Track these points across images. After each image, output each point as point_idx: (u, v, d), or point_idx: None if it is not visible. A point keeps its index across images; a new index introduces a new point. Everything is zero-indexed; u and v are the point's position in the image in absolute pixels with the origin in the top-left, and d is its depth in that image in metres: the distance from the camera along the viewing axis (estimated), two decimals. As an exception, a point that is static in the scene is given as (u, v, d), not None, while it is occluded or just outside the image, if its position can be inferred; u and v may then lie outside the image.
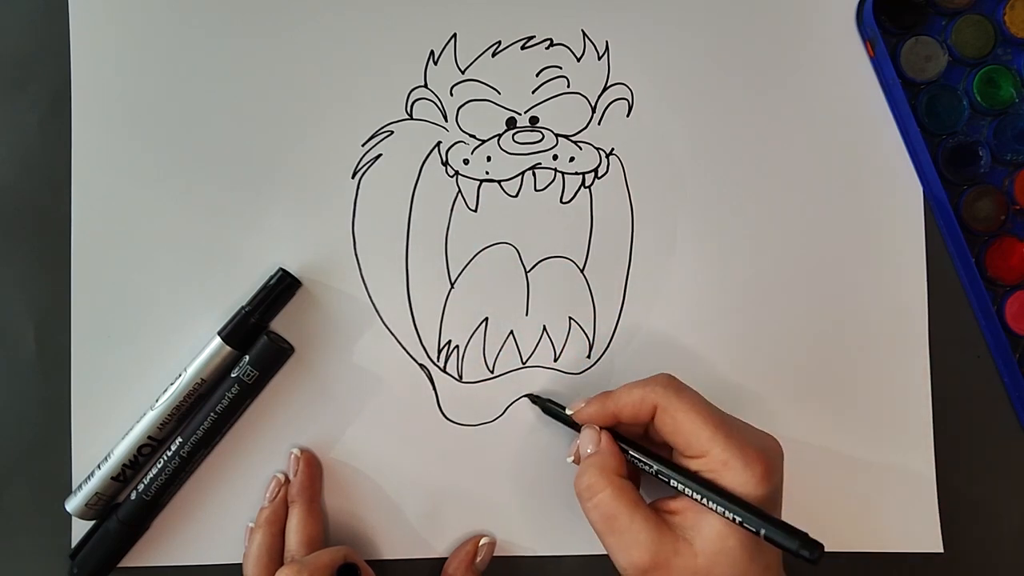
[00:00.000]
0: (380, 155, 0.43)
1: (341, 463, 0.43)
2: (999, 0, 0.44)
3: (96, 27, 0.43)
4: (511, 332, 0.43)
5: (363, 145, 0.43)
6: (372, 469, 0.43)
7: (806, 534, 0.32)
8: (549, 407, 0.42)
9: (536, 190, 0.43)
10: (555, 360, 0.44)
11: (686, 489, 0.35)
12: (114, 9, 0.43)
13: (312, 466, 0.42)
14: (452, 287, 0.43)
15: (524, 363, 0.43)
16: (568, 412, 0.40)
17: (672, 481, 0.35)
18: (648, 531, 0.34)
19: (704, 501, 0.34)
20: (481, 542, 0.42)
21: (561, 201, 0.43)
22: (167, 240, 0.43)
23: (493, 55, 0.43)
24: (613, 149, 0.44)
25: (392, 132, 0.43)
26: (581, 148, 0.43)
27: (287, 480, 0.42)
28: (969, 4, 0.44)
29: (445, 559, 0.43)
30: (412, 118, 0.43)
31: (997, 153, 0.44)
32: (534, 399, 0.43)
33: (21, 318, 0.43)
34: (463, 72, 0.43)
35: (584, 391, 0.43)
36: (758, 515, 0.33)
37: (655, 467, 0.36)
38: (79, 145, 0.43)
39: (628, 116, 0.44)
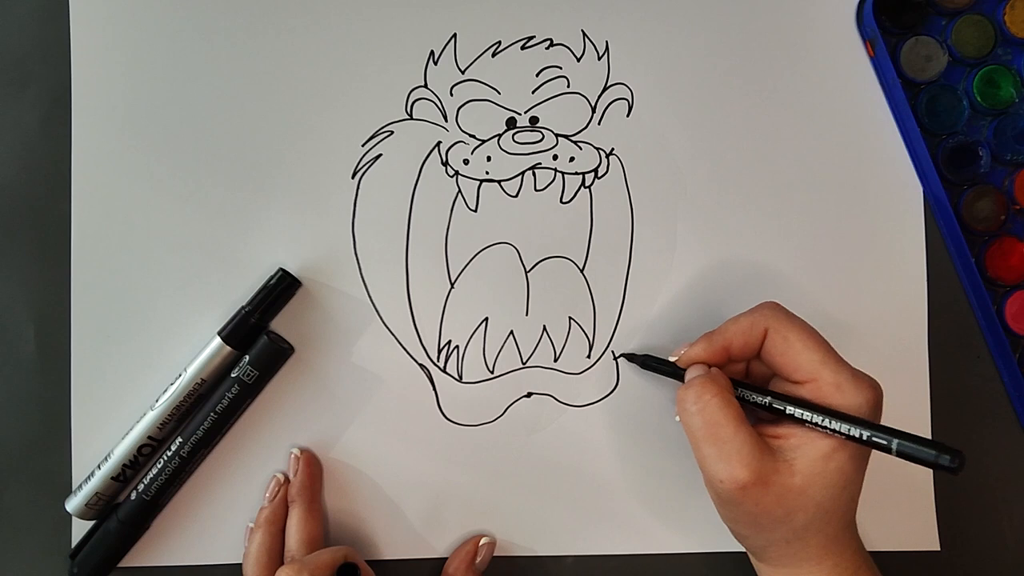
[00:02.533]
0: (380, 155, 0.43)
1: (341, 463, 0.43)
2: (999, 0, 0.44)
3: (96, 27, 0.43)
4: (511, 332, 0.43)
5: (363, 145, 0.43)
6: (372, 469, 0.43)
7: (942, 443, 0.32)
8: (649, 362, 0.41)
9: (536, 190, 0.43)
10: (555, 360, 0.44)
11: (803, 413, 0.34)
12: (114, 9, 0.43)
13: (312, 466, 0.42)
14: (452, 287, 0.43)
15: (524, 363, 0.43)
16: (672, 359, 0.39)
17: (788, 408, 0.35)
18: (751, 445, 0.34)
19: (823, 422, 0.34)
20: (481, 542, 0.42)
21: (561, 201, 0.43)
22: (167, 240, 0.43)
23: (493, 55, 0.43)
24: (613, 149, 0.44)
25: (392, 132, 0.43)
26: (581, 148, 0.43)
27: (287, 480, 0.42)
28: (969, 4, 0.44)
29: (445, 559, 0.43)
30: (412, 118, 0.43)
31: (997, 153, 0.44)
32: (630, 357, 0.43)
33: (21, 318, 0.43)
34: (463, 72, 0.43)
35: (584, 391, 0.43)
36: (888, 430, 0.33)
37: (767, 398, 0.36)
38: (79, 145, 0.43)
39: (628, 116, 0.44)
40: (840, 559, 0.36)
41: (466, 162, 0.43)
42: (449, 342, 0.43)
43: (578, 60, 0.43)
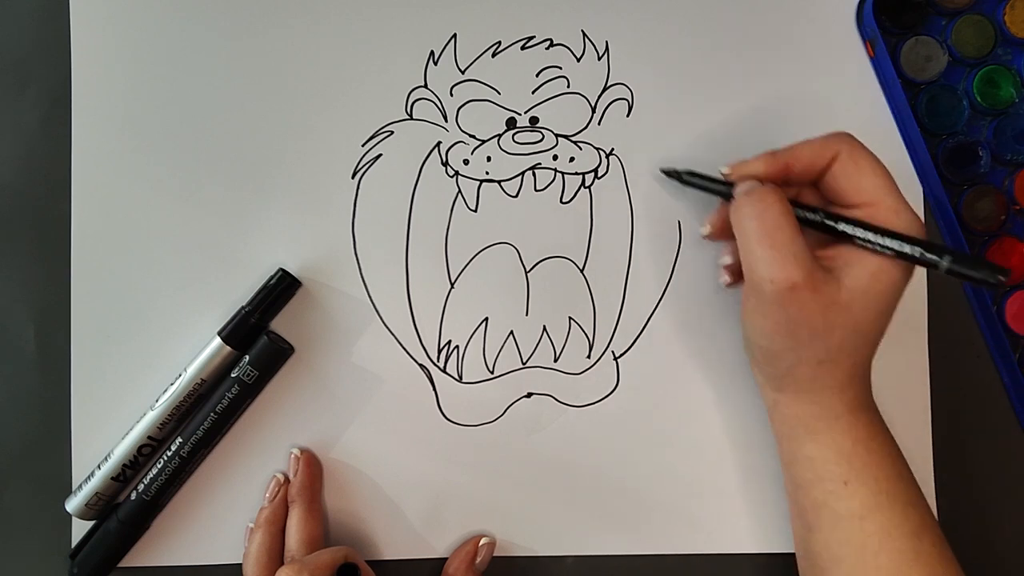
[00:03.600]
0: (380, 155, 0.43)
1: (341, 463, 0.43)
2: (999, 0, 0.44)
3: (96, 27, 0.43)
4: (511, 332, 0.43)
5: (363, 145, 0.43)
6: (372, 469, 0.43)
7: (992, 263, 0.33)
8: (690, 178, 0.41)
9: (536, 190, 0.43)
10: (555, 360, 0.44)
11: (856, 230, 0.35)
12: (114, 9, 0.43)
13: (312, 466, 0.42)
14: (452, 287, 0.43)
15: (524, 363, 0.43)
16: (723, 171, 0.39)
17: (840, 225, 0.36)
18: (807, 252, 0.35)
19: (876, 239, 0.35)
20: (481, 542, 0.42)
21: (561, 201, 0.43)
22: (167, 240, 0.43)
23: (493, 55, 0.43)
24: (613, 149, 0.44)
25: (392, 132, 0.43)
26: (581, 148, 0.43)
27: (287, 480, 0.42)
28: (969, 4, 0.44)
29: (445, 559, 0.43)
30: (412, 118, 0.43)
31: (997, 153, 0.44)
32: (669, 172, 0.42)
33: (21, 318, 0.43)
34: (463, 72, 0.43)
35: (584, 391, 0.43)
36: (937, 247, 0.34)
37: (819, 215, 0.37)
38: (79, 145, 0.43)
39: (628, 116, 0.44)
40: (859, 391, 0.37)
41: (466, 162, 0.43)
42: (449, 342, 0.43)
43: (578, 60, 0.43)
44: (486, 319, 0.43)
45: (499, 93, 0.43)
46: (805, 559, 0.39)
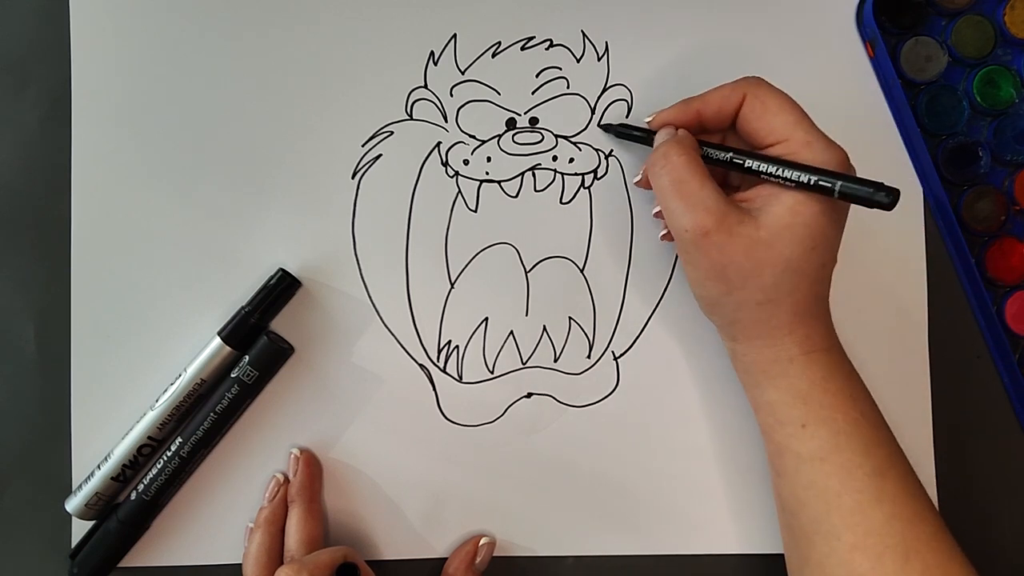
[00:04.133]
0: (380, 155, 0.43)
1: (341, 463, 0.43)
2: (999, 0, 0.44)
3: (96, 27, 0.43)
4: (511, 332, 0.43)
5: (363, 145, 0.43)
6: (372, 469, 0.43)
7: (881, 183, 0.33)
8: (622, 130, 0.42)
9: (536, 191, 0.43)
10: (555, 360, 0.44)
11: (759, 164, 0.36)
12: (114, 9, 0.43)
13: (311, 466, 0.42)
14: (452, 287, 0.43)
15: (524, 363, 0.43)
16: (646, 121, 0.41)
17: (748, 162, 0.36)
18: (716, 197, 0.36)
19: (776, 171, 0.35)
20: (481, 542, 0.42)
21: (561, 202, 0.43)
22: (167, 240, 0.43)
23: (493, 56, 0.43)
24: (612, 150, 0.44)
25: (392, 132, 0.43)
26: (581, 149, 0.43)
27: (286, 480, 0.42)
28: (969, 4, 0.44)
29: (445, 559, 0.43)
30: (412, 118, 0.43)
31: (997, 153, 0.44)
32: (606, 127, 0.43)
33: (21, 318, 0.43)
34: (463, 73, 0.43)
35: (584, 391, 0.43)
36: (832, 174, 0.34)
37: (729, 154, 0.37)
38: (79, 145, 0.43)
39: (628, 117, 0.44)
40: (811, 331, 0.37)
41: (466, 162, 0.43)
42: (449, 342, 0.43)
43: (578, 61, 0.43)
44: (486, 319, 0.43)
45: (499, 93, 0.43)
46: (778, 507, 0.39)
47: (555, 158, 0.43)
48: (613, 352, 0.44)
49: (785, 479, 0.37)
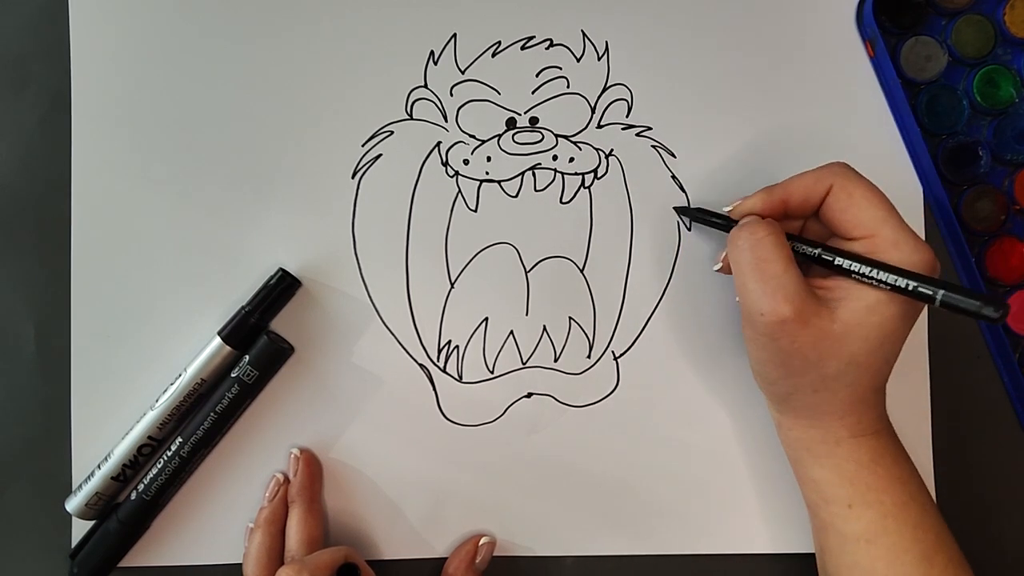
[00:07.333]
0: (380, 155, 0.43)
1: (341, 463, 0.43)
2: (999, 0, 0.44)
3: (96, 27, 0.43)
4: (511, 332, 0.43)
5: (363, 145, 0.43)
6: (372, 469, 0.43)
7: (987, 294, 0.32)
8: (697, 214, 0.41)
9: (536, 190, 0.43)
10: (555, 360, 0.44)
11: (851, 264, 0.35)
12: (114, 9, 0.43)
13: (312, 466, 0.42)
14: (452, 287, 0.43)
15: (524, 363, 0.43)
16: (726, 210, 0.39)
17: (837, 259, 0.35)
18: (797, 284, 0.35)
19: (870, 272, 0.34)
20: (481, 542, 0.42)
21: (561, 201, 0.43)
22: (167, 240, 0.43)
23: (493, 55, 0.43)
24: (612, 150, 0.44)
25: (392, 132, 0.43)
26: (581, 148, 0.43)
27: (287, 480, 0.42)
28: (969, 4, 0.44)
29: (445, 559, 0.43)
30: (412, 118, 0.43)
31: (997, 153, 0.44)
32: (681, 209, 0.43)
33: (21, 318, 0.43)
34: (463, 72, 0.43)
35: (584, 391, 0.43)
36: (934, 281, 0.33)
37: (816, 249, 0.36)
38: (79, 145, 0.43)
39: (628, 116, 0.44)
40: (862, 417, 0.37)
41: (466, 162, 0.43)
42: (449, 342, 0.43)
43: (578, 60, 0.43)
44: (486, 319, 0.43)
45: (499, 93, 0.43)
46: None
47: (555, 158, 0.43)
48: (613, 352, 0.44)
49: (830, 556, 0.37)
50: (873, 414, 0.37)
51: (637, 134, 0.44)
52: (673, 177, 0.44)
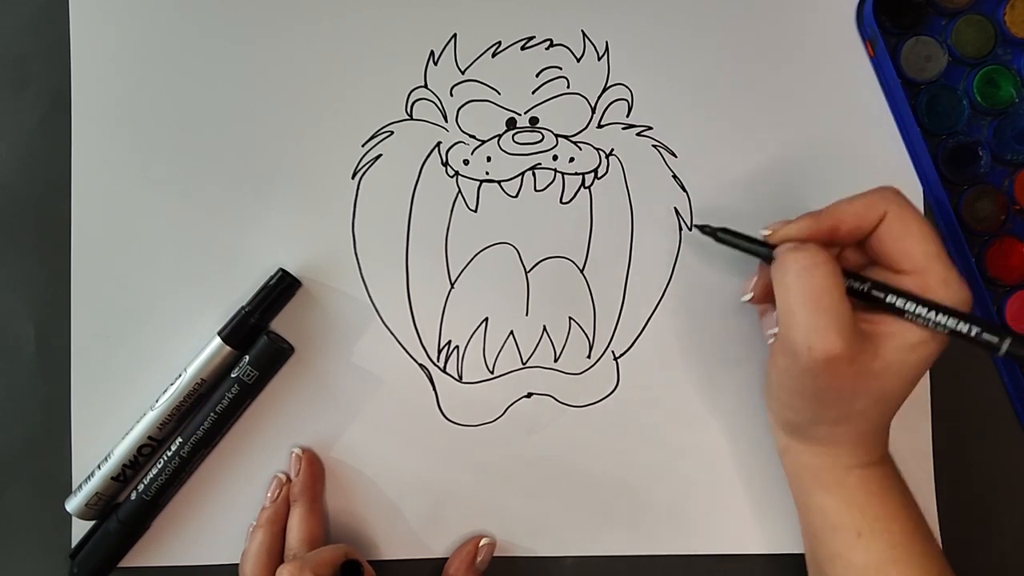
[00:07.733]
0: (380, 155, 0.43)
1: (341, 463, 0.43)
2: (999, 0, 0.44)
3: (96, 27, 0.43)
4: (511, 332, 0.43)
5: (363, 145, 0.43)
6: (372, 469, 0.43)
7: None
8: (724, 235, 0.38)
9: (536, 190, 0.43)
10: (555, 360, 0.44)
11: (906, 303, 0.33)
12: (114, 9, 0.43)
13: (314, 465, 0.42)
14: (452, 287, 0.43)
15: (524, 363, 0.43)
16: (764, 233, 0.37)
17: (889, 296, 0.34)
18: (851, 320, 0.33)
19: (927, 313, 0.33)
20: (481, 542, 0.42)
21: (561, 201, 0.43)
22: (167, 240, 0.43)
23: (493, 55, 0.43)
24: (613, 150, 0.44)
25: (392, 132, 0.43)
26: (581, 148, 0.43)
27: (289, 480, 0.42)
28: (969, 4, 0.44)
29: (445, 559, 0.43)
30: (412, 118, 0.43)
31: (997, 153, 0.44)
32: (703, 228, 0.39)
33: (21, 318, 0.43)
34: (463, 72, 0.43)
35: (584, 391, 0.43)
36: (999, 329, 0.32)
37: (865, 284, 0.35)
38: (79, 145, 0.43)
39: (628, 116, 0.44)
40: (873, 448, 0.37)
41: (466, 162, 0.43)
42: (449, 342, 0.43)
43: (578, 60, 0.43)
44: (486, 319, 0.43)
45: (499, 93, 0.43)
46: None
47: (555, 158, 0.43)
48: (613, 352, 0.44)
49: None
50: (882, 443, 0.37)
51: (637, 134, 0.44)
52: (674, 177, 0.44)
